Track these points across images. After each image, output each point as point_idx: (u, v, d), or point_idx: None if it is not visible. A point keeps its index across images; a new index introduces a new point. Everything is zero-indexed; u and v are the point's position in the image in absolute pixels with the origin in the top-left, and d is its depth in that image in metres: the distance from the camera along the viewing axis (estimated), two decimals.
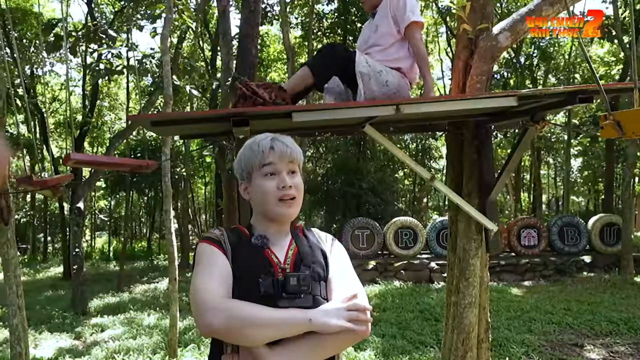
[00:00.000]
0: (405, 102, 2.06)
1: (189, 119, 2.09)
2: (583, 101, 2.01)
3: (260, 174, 1.20)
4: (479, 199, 2.80)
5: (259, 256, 1.16)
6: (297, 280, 1.11)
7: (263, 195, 1.19)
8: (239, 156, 1.27)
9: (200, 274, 1.10)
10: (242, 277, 1.12)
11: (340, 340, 1.08)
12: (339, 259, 1.23)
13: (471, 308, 2.80)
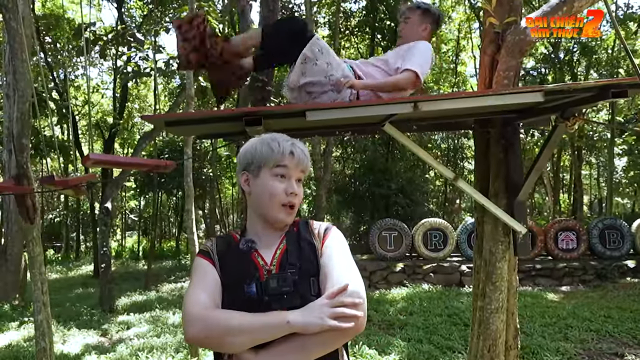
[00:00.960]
0: (424, 99, 1.96)
1: (201, 119, 2.07)
2: (616, 96, 1.86)
3: (270, 173, 1.18)
4: (506, 199, 2.67)
5: (245, 261, 1.15)
6: (277, 281, 1.08)
7: (268, 195, 1.18)
8: (251, 147, 1.23)
9: (190, 287, 1.12)
10: (230, 284, 1.12)
11: (327, 339, 1.03)
12: (331, 249, 1.18)
13: (498, 313, 2.67)
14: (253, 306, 1.05)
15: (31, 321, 6.27)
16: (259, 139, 1.26)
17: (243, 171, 1.23)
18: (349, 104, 2.13)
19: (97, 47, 8.87)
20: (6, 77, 7.66)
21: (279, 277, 1.09)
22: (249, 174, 1.21)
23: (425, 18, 2.41)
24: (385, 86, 2.15)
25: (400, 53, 2.29)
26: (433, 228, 8.33)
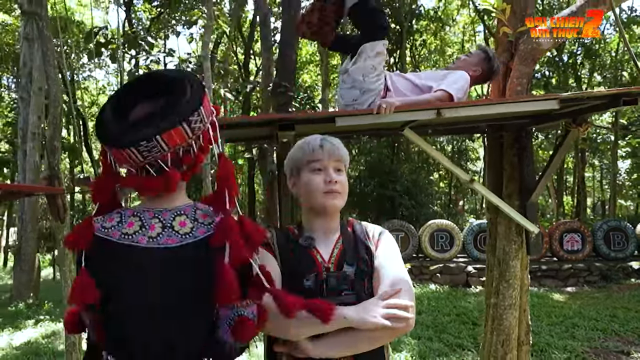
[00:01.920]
0: (446, 106, 2.09)
1: (236, 124, 2.19)
2: (627, 103, 1.98)
3: (308, 169, 1.27)
4: (519, 201, 2.78)
5: (305, 256, 1.23)
6: (337, 279, 1.19)
7: (309, 188, 1.26)
8: (289, 155, 1.35)
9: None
10: (288, 275, 1.20)
11: (377, 336, 1.14)
12: (385, 252, 1.28)
13: (511, 310, 2.78)
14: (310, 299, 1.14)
15: (47, 319, 6.41)
16: (294, 146, 1.36)
17: (290, 177, 1.34)
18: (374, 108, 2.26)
19: (107, 51, 9.03)
20: (21, 80, 7.83)
21: (338, 275, 1.19)
22: (293, 178, 1.32)
23: (483, 63, 2.50)
24: (418, 104, 2.22)
25: (438, 75, 2.39)
26: (440, 229, 8.44)
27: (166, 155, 1.00)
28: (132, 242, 1.00)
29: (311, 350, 1.14)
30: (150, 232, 1.02)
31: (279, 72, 2.99)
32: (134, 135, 0.98)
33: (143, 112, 1.03)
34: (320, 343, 1.14)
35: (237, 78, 10.15)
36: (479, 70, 2.54)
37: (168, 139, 0.98)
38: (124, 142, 0.99)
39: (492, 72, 2.60)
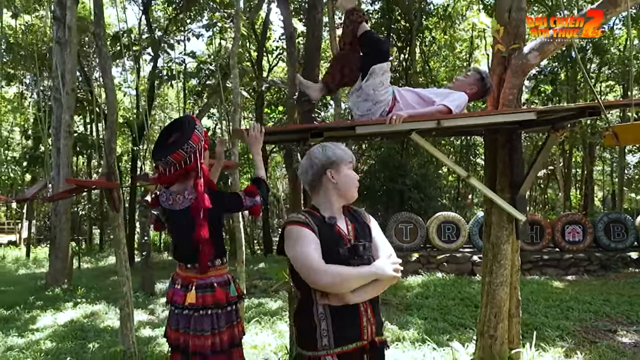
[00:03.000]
0: (444, 117, 2.56)
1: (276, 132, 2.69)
2: (592, 115, 2.43)
3: (348, 167, 1.80)
4: (510, 193, 3.25)
5: (334, 231, 1.73)
6: (364, 247, 1.70)
7: (351, 180, 1.80)
8: (328, 151, 1.80)
9: (303, 249, 1.62)
10: (324, 246, 1.66)
11: (386, 283, 1.69)
12: (377, 230, 1.84)
13: (502, 286, 3.27)
14: (343, 264, 1.62)
15: (83, 302, 7.01)
16: (323, 147, 1.83)
17: (328, 169, 1.78)
18: (386, 119, 2.74)
19: (130, 52, 9.56)
20: (54, 81, 8.40)
21: (364, 244, 1.69)
22: (333, 171, 1.78)
23: (478, 83, 2.99)
24: (424, 116, 2.69)
25: (442, 92, 2.87)
26: (446, 221, 8.90)
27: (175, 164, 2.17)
28: (168, 206, 2.26)
29: (352, 298, 1.63)
30: (174, 201, 2.24)
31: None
32: (159, 155, 2.21)
33: (166, 142, 2.25)
34: (358, 292, 1.64)
35: (252, 77, 10.62)
36: (475, 89, 3.01)
37: (173, 157, 2.16)
38: (155, 158, 2.25)
39: (486, 90, 3.07)
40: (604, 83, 17.22)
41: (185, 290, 2.18)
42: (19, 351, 4.49)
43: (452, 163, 3.18)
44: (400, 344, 4.30)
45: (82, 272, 11.13)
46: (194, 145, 2.15)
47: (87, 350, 4.48)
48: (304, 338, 1.71)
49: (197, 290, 2.14)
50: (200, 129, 2.24)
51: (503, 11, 3.38)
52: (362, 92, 2.83)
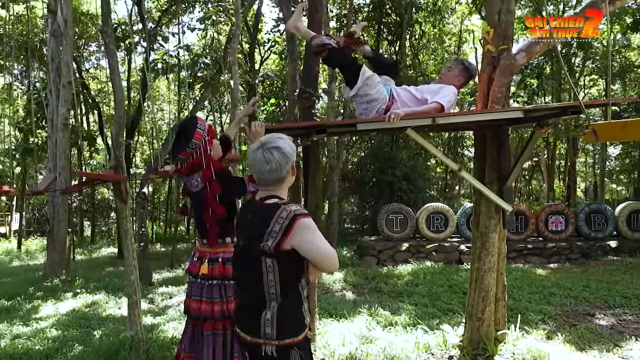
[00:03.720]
0: (439, 115, 2.78)
1: (283, 128, 2.88)
2: (573, 113, 2.67)
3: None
4: (498, 185, 3.49)
5: None
6: None
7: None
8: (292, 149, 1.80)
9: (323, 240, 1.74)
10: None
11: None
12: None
13: (490, 272, 3.52)
14: None
15: (83, 292, 7.14)
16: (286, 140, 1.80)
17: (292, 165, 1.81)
18: (385, 117, 2.95)
19: (123, 45, 9.58)
20: (49, 74, 8.42)
21: None
22: (294, 165, 1.84)
23: (464, 72, 3.22)
24: (418, 114, 2.90)
25: (433, 89, 3.08)
26: (435, 212, 9.18)
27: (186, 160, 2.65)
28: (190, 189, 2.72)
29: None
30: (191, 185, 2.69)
31: (303, 80, 3.64)
32: (173, 155, 2.79)
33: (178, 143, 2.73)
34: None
35: (246, 70, 10.72)
36: (462, 79, 3.24)
37: (182, 155, 2.65)
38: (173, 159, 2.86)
39: (471, 76, 3.32)
40: (587, 77, 17.66)
41: (200, 262, 2.63)
42: (26, 339, 4.62)
43: (444, 157, 3.41)
44: (393, 329, 4.54)
45: (77, 263, 11.20)
46: (197, 142, 2.61)
47: (93, 338, 4.64)
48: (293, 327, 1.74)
49: (209, 263, 2.58)
50: (202, 127, 2.68)
51: (493, 13, 3.59)
52: (357, 96, 3.05)
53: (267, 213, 1.71)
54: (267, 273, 1.70)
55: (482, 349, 3.55)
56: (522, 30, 15.51)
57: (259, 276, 1.72)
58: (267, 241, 1.68)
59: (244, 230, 1.83)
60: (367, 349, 3.77)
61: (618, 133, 2.36)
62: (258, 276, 1.72)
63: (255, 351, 1.73)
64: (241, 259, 1.82)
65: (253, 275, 1.74)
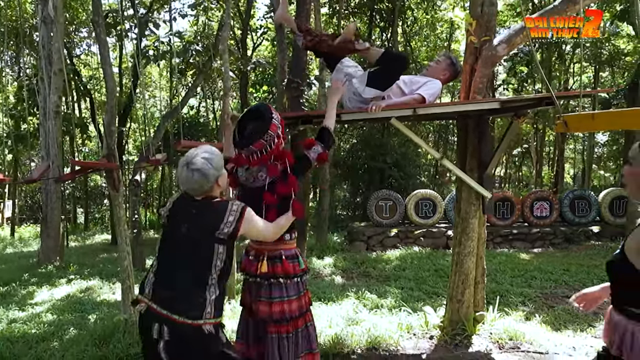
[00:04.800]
0: (420, 106, 2.90)
1: None
2: (548, 104, 2.80)
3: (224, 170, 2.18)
4: (478, 173, 3.63)
5: None
6: None
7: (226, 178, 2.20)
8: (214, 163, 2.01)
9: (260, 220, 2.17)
10: None
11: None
12: None
13: (470, 256, 3.68)
14: None
15: (77, 278, 7.26)
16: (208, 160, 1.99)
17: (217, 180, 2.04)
18: (368, 108, 3.06)
19: (115, 31, 9.53)
20: (40, 61, 8.39)
21: None
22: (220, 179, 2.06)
23: (450, 68, 3.32)
24: (401, 105, 3.02)
25: (420, 81, 3.19)
26: (424, 198, 9.36)
27: (256, 152, 2.35)
28: (248, 183, 2.52)
29: None
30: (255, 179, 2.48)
31: (292, 70, 3.73)
32: (241, 144, 2.38)
33: (248, 130, 2.39)
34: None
35: (238, 58, 10.72)
36: (447, 74, 3.35)
37: (255, 146, 2.33)
38: (237, 147, 2.43)
39: (457, 73, 3.42)
40: (577, 64, 17.80)
41: (256, 260, 2.47)
42: (22, 323, 4.74)
43: (426, 145, 3.54)
44: (379, 311, 4.72)
45: (71, 250, 11.29)
46: (272, 133, 2.33)
47: (88, 321, 4.77)
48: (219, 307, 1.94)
49: (268, 261, 2.42)
50: (277, 118, 2.39)
51: (476, 5, 3.68)
52: (360, 96, 3.13)
53: (219, 207, 1.99)
54: (217, 259, 1.92)
55: (461, 329, 3.73)
56: (513, 17, 15.62)
57: (207, 261, 1.91)
58: (223, 230, 1.94)
59: (189, 222, 1.99)
60: (353, 330, 3.93)
61: (588, 124, 2.49)
62: (206, 262, 1.91)
63: (184, 331, 1.83)
64: (182, 246, 1.96)
65: (199, 260, 1.92)
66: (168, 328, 1.83)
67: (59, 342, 4.02)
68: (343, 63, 3.19)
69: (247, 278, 2.54)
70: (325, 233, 9.71)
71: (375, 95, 2.98)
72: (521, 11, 14.67)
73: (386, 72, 3.00)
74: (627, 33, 16.21)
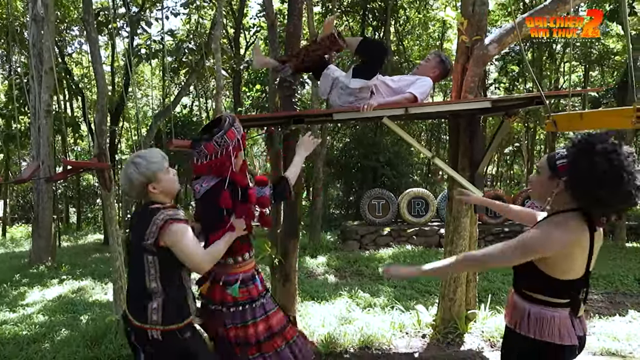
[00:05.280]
0: (412, 105, 2.91)
1: (261, 118, 2.99)
2: (538, 104, 2.82)
3: (165, 172, 2.03)
4: (470, 172, 3.66)
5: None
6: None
7: (171, 182, 2.06)
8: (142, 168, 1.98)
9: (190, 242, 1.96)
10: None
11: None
12: None
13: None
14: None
15: (69, 278, 7.21)
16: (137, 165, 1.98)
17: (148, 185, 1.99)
18: (360, 107, 3.07)
19: (106, 29, 9.46)
20: (31, 60, 8.31)
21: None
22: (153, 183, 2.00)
23: (440, 65, 3.33)
24: (393, 104, 3.03)
25: (410, 79, 3.20)
26: (416, 197, 9.39)
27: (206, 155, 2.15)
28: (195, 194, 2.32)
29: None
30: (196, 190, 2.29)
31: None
32: (194, 145, 2.20)
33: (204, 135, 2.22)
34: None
35: (230, 56, 10.68)
36: (437, 71, 3.37)
37: (206, 147, 2.14)
38: (192, 147, 2.22)
39: (447, 71, 3.44)
40: (567, 64, 17.94)
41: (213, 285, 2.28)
42: (13, 325, 4.71)
43: (418, 144, 3.55)
44: (372, 310, 4.74)
45: (63, 250, 11.21)
46: (228, 140, 2.13)
47: (80, 322, 4.74)
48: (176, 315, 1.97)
49: (224, 287, 2.23)
50: (238, 128, 2.22)
51: (467, 5, 3.71)
52: (347, 89, 3.13)
53: (150, 215, 1.93)
54: (149, 268, 1.93)
55: (453, 328, 3.76)
56: (504, 17, 15.70)
57: (142, 270, 1.94)
58: (147, 240, 1.90)
59: (134, 230, 2.03)
60: (346, 329, 3.95)
61: (576, 123, 2.51)
62: (141, 270, 1.94)
63: (141, 334, 1.95)
64: (131, 252, 2.05)
65: (138, 268, 1.96)
66: (133, 330, 1.98)
67: (50, 343, 3.99)
68: (329, 69, 3.21)
69: (206, 304, 2.29)
70: (318, 232, 9.73)
71: (362, 85, 2.98)
72: (511, 11, 14.78)
73: (368, 61, 3.00)
74: (616, 33, 16.38)
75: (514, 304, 1.80)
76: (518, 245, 1.63)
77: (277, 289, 3.87)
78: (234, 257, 2.21)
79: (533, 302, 1.70)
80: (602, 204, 1.54)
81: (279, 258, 3.54)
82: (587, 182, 1.52)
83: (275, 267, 3.69)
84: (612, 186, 1.49)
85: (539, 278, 1.66)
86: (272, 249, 3.68)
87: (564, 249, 1.58)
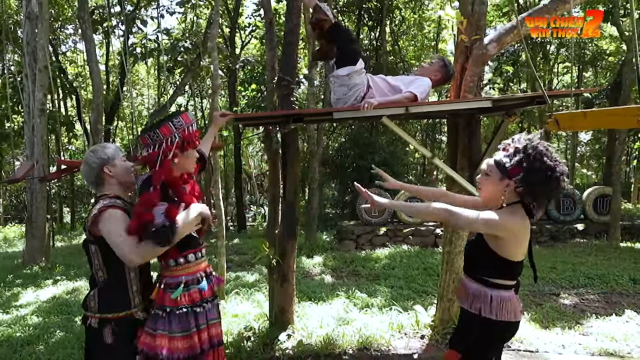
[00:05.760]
0: (412, 104, 2.89)
1: (259, 117, 2.96)
2: (539, 103, 2.82)
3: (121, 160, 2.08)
4: (469, 172, 3.65)
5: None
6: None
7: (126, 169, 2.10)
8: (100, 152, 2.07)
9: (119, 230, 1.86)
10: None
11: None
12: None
13: (460, 255, 3.70)
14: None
15: (63, 279, 7.12)
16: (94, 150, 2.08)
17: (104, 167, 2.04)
18: (360, 106, 3.05)
19: (102, 28, 9.39)
20: (24, 58, 8.21)
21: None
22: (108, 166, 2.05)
23: (442, 69, 3.32)
24: (391, 103, 3.02)
25: (408, 79, 3.19)
26: (412, 197, 9.38)
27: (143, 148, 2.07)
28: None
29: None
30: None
31: (282, 68, 3.70)
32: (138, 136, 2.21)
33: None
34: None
35: (226, 56, 10.63)
36: (439, 75, 3.35)
37: (141, 139, 2.05)
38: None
39: (449, 76, 3.42)
40: (561, 64, 18.06)
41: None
42: (6, 326, 4.64)
43: (417, 144, 3.53)
44: (369, 310, 4.72)
45: (57, 250, 11.09)
46: (161, 136, 1.99)
47: (75, 324, 4.68)
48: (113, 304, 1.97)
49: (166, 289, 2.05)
50: (178, 125, 2.04)
51: (467, 4, 3.70)
52: (338, 78, 3.12)
53: (94, 204, 1.98)
54: (94, 257, 1.97)
55: (452, 328, 3.74)
56: (499, 17, 15.77)
57: (90, 260, 2.00)
58: (85, 229, 1.96)
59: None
60: (344, 330, 3.92)
61: (579, 122, 2.52)
62: (90, 260, 2.00)
63: (85, 321, 2.01)
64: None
65: (89, 259, 2.02)
66: (83, 320, 2.05)
67: (44, 345, 3.94)
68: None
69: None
70: (314, 232, 9.70)
71: (350, 71, 3.00)
72: (508, 11, 14.84)
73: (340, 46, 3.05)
74: (609, 34, 16.50)
75: (472, 291, 1.99)
76: (485, 218, 1.81)
77: (274, 290, 3.85)
78: (175, 259, 2.03)
79: (492, 286, 1.94)
80: (547, 195, 1.87)
81: (277, 259, 3.51)
82: (539, 180, 1.79)
83: (273, 268, 3.67)
84: (556, 180, 1.79)
85: (495, 262, 1.91)
86: (270, 249, 3.66)
87: (518, 232, 1.86)
